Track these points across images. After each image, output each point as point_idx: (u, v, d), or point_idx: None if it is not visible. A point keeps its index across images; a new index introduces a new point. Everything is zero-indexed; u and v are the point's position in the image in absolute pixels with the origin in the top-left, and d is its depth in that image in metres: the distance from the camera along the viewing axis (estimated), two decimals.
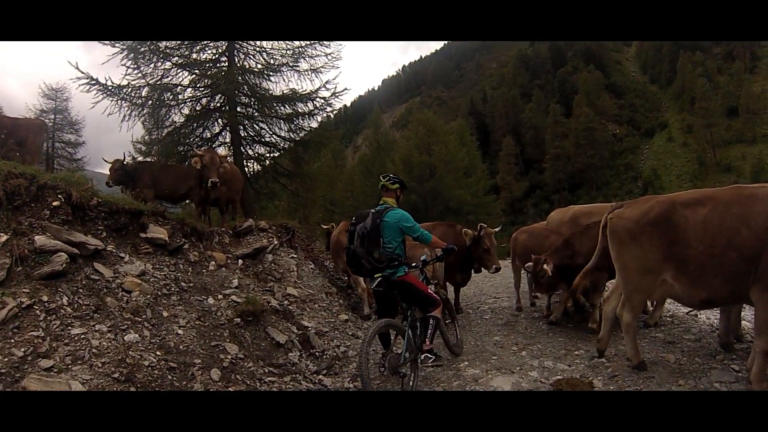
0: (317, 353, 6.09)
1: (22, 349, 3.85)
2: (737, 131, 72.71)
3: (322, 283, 8.05)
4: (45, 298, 4.36)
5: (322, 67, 12.64)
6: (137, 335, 4.55)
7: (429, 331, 5.07)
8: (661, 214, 4.53)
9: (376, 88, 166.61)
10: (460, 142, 40.51)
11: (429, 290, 5.43)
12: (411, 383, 4.88)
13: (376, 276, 5.06)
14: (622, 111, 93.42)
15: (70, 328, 4.27)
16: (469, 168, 37.84)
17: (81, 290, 4.72)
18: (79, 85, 10.38)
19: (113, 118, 10.98)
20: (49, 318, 4.25)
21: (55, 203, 5.27)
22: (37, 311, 4.22)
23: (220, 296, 6.05)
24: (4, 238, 4.59)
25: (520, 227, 9.74)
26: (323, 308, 7.30)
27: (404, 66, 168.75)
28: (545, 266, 6.56)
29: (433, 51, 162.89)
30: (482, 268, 7.97)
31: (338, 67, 12.96)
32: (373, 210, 5.27)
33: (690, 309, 7.26)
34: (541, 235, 7.80)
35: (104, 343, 4.24)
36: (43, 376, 3.68)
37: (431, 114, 42.04)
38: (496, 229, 8.09)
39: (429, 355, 5.06)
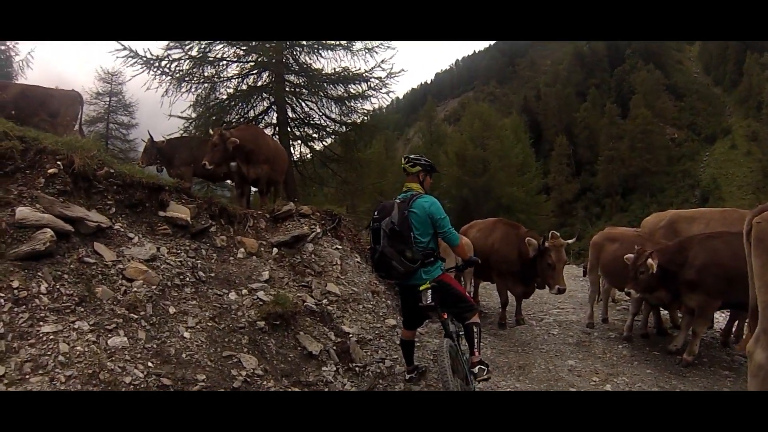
0: (357, 368, 4.94)
1: None
2: None
3: (369, 279, 6.93)
4: (15, 284, 3.40)
5: (377, 46, 11.57)
6: (126, 338, 3.53)
7: (475, 341, 4.17)
8: None
9: (428, 82, 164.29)
10: (515, 138, 39.38)
11: (466, 293, 4.69)
12: None
13: (425, 287, 4.16)
14: (682, 114, 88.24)
15: (41, 323, 3.30)
16: (523, 165, 36.77)
17: (67, 276, 3.75)
18: (117, 58, 9.89)
19: (168, 100, 10.41)
20: (16, 309, 3.29)
21: (51, 170, 4.36)
22: (1, 300, 3.28)
23: (244, 291, 4.99)
24: None
25: (598, 230, 8.36)
26: (368, 310, 6.17)
27: (457, 60, 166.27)
28: (651, 261, 5.42)
29: (487, 46, 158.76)
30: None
31: (394, 48, 11.92)
32: (397, 200, 4.34)
33: None
34: (635, 244, 6.30)
35: (79, 347, 3.23)
36: None
37: (487, 107, 40.86)
38: (569, 241, 6.84)
39: (482, 367, 4.10)
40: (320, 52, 11.54)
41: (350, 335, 5.37)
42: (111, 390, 3.06)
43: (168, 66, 10.28)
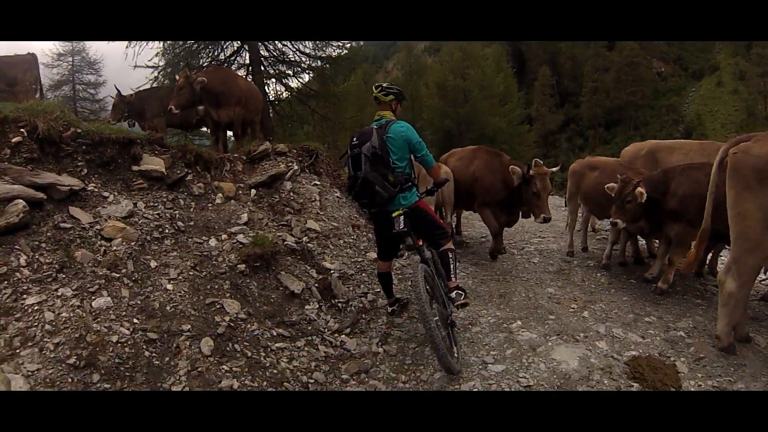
0: (340, 304, 5.13)
1: None
2: None
3: (349, 213, 7.02)
4: None
5: None
6: (110, 298, 3.66)
7: (451, 266, 4.29)
8: None
9: None
10: (497, 68, 38.79)
11: (440, 220, 4.73)
12: (455, 353, 4.09)
13: (397, 213, 4.19)
14: (669, 48, 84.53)
15: (25, 296, 3.41)
16: (505, 95, 36.54)
17: (44, 245, 3.84)
18: None
19: (133, 51, 10.10)
20: None
21: (15, 139, 4.35)
22: None
23: (224, 236, 5.08)
24: None
25: (578, 159, 8.29)
26: (349, 245, 6.30)
27: None
28: (640, 189, 5.40)
29: None
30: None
31: None
32: (375, 125, 4.36)
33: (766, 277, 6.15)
34: (616, 173, 6.19)
35: (64, 313, 3.37)
36: None
37: None
38: (554, 169, 6.76)
39: (459, 291, 4.18)
40: None
41: (332, 271, 5.52)
42: (98, 354, 3.22)
43: None
